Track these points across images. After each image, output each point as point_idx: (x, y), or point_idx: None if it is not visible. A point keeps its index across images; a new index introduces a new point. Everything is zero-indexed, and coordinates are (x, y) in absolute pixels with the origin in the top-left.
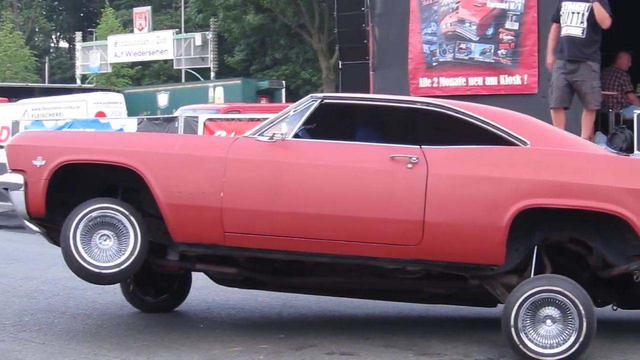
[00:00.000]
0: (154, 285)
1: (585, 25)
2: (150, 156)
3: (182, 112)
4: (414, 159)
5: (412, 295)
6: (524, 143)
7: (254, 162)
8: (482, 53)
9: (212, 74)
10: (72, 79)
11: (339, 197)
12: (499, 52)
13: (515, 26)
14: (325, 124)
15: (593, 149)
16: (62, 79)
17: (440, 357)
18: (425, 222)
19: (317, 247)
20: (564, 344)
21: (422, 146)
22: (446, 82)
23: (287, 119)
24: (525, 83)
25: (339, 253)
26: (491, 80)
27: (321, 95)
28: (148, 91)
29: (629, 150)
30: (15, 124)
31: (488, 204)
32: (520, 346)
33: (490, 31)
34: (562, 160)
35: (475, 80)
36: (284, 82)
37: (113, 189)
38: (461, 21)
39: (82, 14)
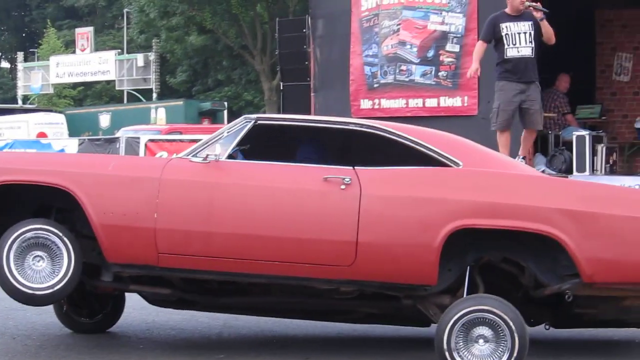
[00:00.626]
0: (87, 306)
1: (533, 44)
2: (83, 177)
3: (123, 133)
4: (347, 180)
5: (347, 316)
6: (456, 164)
7: (187, 182)
8: (423, 75)
9: (155, 95)
10: (14, 100)
11: (273, 218)
12: (440, 74)
13: (456, 48)
14: (261, 145)
15: (525, 169)
16: (3, 99)
17: None
18: (359, 243)
19: (251, 267)
20: None
21: (356, 167)
22: (387, 103)
23: (221, 140)
24: (465, 105)
25: (273, 274)
26: (431, 102)
27: (255, 116)
28: (90, 112)
29: (568, 171)
30: None
31: (421, 225)
32: None
33: (431, 53)
34: (494, 181)
35: (415, 102)
36: (226, 103)
37: (47, 209)
38: (402, 43)
39: (24, 34)
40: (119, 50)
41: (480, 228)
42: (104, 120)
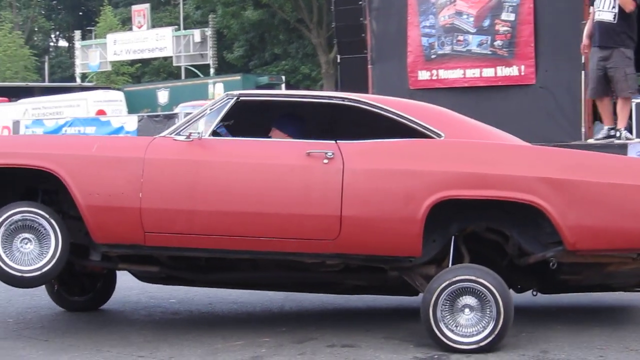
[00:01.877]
0: (78, 285)
1: (616, 10)
2: (68, 158)
3: (182, 109)
4: (330, 154)
5: (335, 288)
6: (439, 135)
7: (171, 161)
8: (479, 45)
9: (212, 71)
10: (72, 78)
11: (257, 194)
12: (496, 43)
13: (512, 17)
14: (245, 121)
15: (508, 139)
16: (62, 77)
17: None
18: (343, 217)
19: (236, 244)
20: (482, 332)
21: (338, 141)
22: (445, 74)
23: (203, 117)
24: (522, 74)
25: (258, 249)
26: (488, 72)
27: (237, 92)
28: (148, 88)
29: None
30: (16, 124)
31: (403, 197)
32: (440, 336)
33: (486, 23)
34: (476, 151)
35: (472, 72)
36: (283, 77)
37: (34, 191)
38: (459, 13)
39: (80, 13)
40: (176, 27)
41: (463, 199)
42: (162, 96)
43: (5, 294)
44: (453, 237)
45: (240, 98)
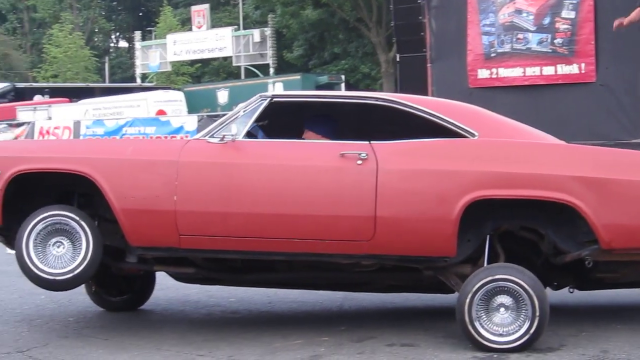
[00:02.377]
0: (115, 286)
1: None
2: (102, 162)
3: None
4: (364, 155)
5: (369, 286)
6: (472, 135)
7: (205, 164)
8: (539, 43)
9: (272, 70)
10: (132, 78)
11: (291, 195)
12: (556, 41)
13: (572, 15)
14: (279, 123)
15: (542, 137)
16: (122, 78)
17: None
18: (377, 218)
19: (271, 246)
20: (518, 331)
21: (372, 142)
22: (505, 72)
23: (237, 119)
24: (582, 72)
25: (293, 251)
26: (548, 70)
27: (270, 94)
28: (208, 88)
29: None
30: (77, 124)
31: (438, 197)
32: (475, 335)
33: (546, 20)
34: (511, 150)
35: (532, 70)
36: (343, 76)
37: (70, 195)
38: (518, 11)
39: (140, 14)
40: (235, 27)
41: (497, 198)
42: (222, 96)
43: (66, 293)
44: (488, 236)
45: (274, 99)
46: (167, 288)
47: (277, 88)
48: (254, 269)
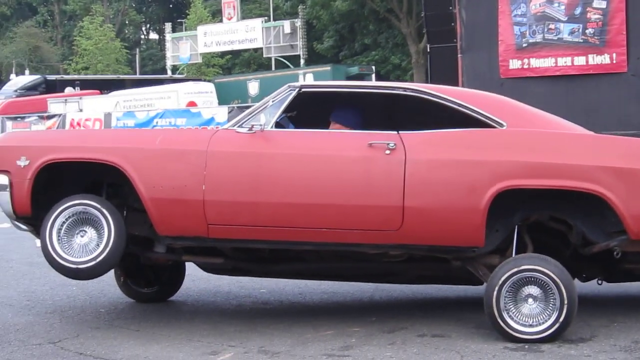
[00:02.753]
0: (143, 277)
1: None
2: (131, 152)
3: None
4: (392, 144)
5: (398, 277)
6: (501, 125)
7: (234, 154)
8: (571, 33)
9: (302, 61)
10: (163, 70)
11: (319, 185)
12: (587, 31)
13: (603, 5)
14: (307, 113)
15: (571, 128)
16: (152, 70)
17: None
18: (405, 207)
19: (299, 235)
20: (546, 321)
21: (400, 132)
22: (536, 63)
23: (265, 109)
24: (614, 62)
25: (321, 241)
26: (580, 60)
27: (298, 84)
28: (238, 80)
29: None
30: (107, 116)
31: (466, 187)
32: (503, 325)
33: (578, 10)
34: (539, 140)
35: (564, 61)
36: (373, 67)
37: (99, 184)
38: (550, 2)
39: (171, 5)
40: (266, 18)
41: (525, 188)
42: (253, 87)
43: (97, 284)
44: (516, 226)
45: (302, 90)
46: (198, 279)
47: (307, 79)
48: (282, 259)
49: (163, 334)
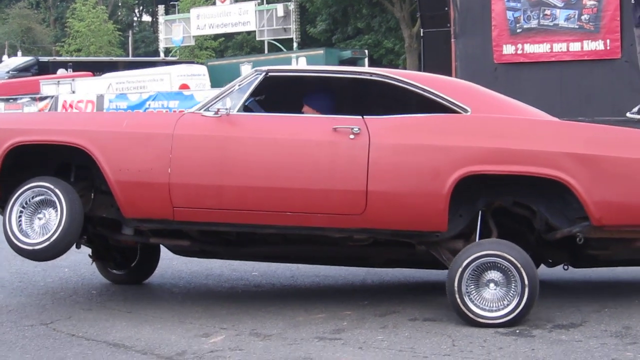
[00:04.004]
0: (112, 259)
1: None
2: (98, 135)
3: None
4: (356, 129)
5: (365, 261)
6: (465, 110)
7: (199, 137)
8: (567, 19)
9: (295, 45)
10: (156, 53)
11: (284, 169)
12: (583, 17)
13: None
14: (278, 97)
15: (535, 114)
16: (145, 52)
17: (523, 322)
18: (369, 192)
19: (263, 219)
20: (507, 306)
21: (365, 116)
22: (531, 48)
23: (232, 93)
24: (608, 48)
25: (285, 224)
26: (575, 46)
27: (265, 68)
28: (231, 63)
29: None
30: (100, 98)
31: (429, 172)
32: (464, 310)
33: None
34: (502, 126)
35: (559, 47)
36: (366, 51)
37: (67, 167)
38: None
39: None
40: (259, 1)
41: (488, 174)
42: (246, 70)
43: (90, 267)
44: (480, 211)
45: (269, 74)
46: (190, 262)
47: (300, 63)
48: (248, 242)
49: (155, 315)
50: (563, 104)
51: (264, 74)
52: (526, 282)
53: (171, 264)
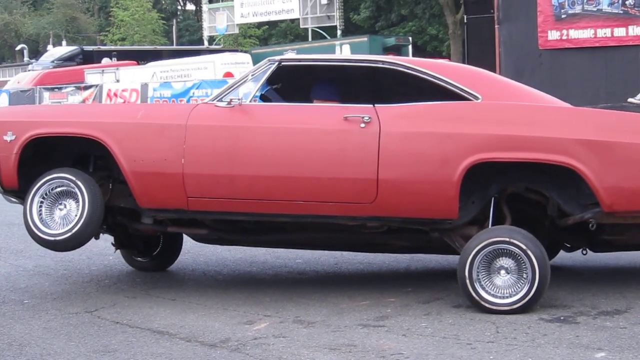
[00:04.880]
0: (135, 247)
1: None
2: (113, 126)
3: None
4: (367, 118)
5: (381, 247)
6: (476, 97)
7: (212, 127)
8: (611, 4)
9: (339, 32)
10: (200, 41)
11: (295, 158)
12: (627, 2)
13: None
14: (288, 86)
15: (547, 100)
16: (189, 41)
17: (567, 309)
18: (379, 180)
19: (276, 208)
20: (518, 293)
21: (376, 105)
22: (575, 34)
23: (245, 83)
24: None
25: (298, 213)
26: (619, 32)
27: (278, 58)
28: (275, 51)
29: None
30: (144, 87)
31: (439, 160)
32: (475, 296)
33: None
34: (513, 113)
35: (604, 32)
36: (410, 38)
37: (86, 157)
38: None
39: None
40: None
41: (499, 161)
42: None
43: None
44: (493, 198)
45: (282, 63)
46: (234, 250)
47: (344, 50)
48: (265, 230)
49: (199, 303)
50: (608, 89)
51: (277, 63)
52: (537, 268)
53: (215, 251)
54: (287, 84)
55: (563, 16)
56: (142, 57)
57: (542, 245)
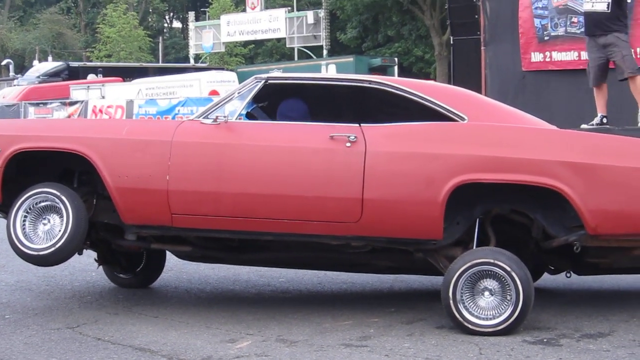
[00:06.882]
0: (118, 263)
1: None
2: (98, 141)
3: None
4: (353, 137)
5: (365, 267)
6: (462, 118)
7: (198, 144)
8: None
9: (325, 52)
10: (186, 59)
11: (280, 176)
12: None
13: None
14: (276, 104)
15: (532, 122)
16: (175, 58)
17: (550, 331)
18: (364, 200)
19: (261, 226)
20: (501, 315)
21: (362, 124)
22: (559, 56)
23: (231, 101)
24: (638, 56)
25: (282, 231)
26: None
27: (265, 76)
28: (261, 69)
29: None
30: (130, 103)
31: (424, 180)
32: (459, 317)
33: None
34: (499, 135)
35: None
36: (396, 59)
37: (71, 173)
38: None
39: None
40: (289, 8)
41: (484, 182)
42: None
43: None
44: (478, 219)
45: (269, 81)
46: (217, 267)
47: (330, 70)
48: (250, 248)
49: (181, 320)
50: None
51: (263, 81)
52: (520, 290)
53: (198, 269)
54: (274, 103)
55: (546, 38)
56: (128, 74)
57: (526, 267)
